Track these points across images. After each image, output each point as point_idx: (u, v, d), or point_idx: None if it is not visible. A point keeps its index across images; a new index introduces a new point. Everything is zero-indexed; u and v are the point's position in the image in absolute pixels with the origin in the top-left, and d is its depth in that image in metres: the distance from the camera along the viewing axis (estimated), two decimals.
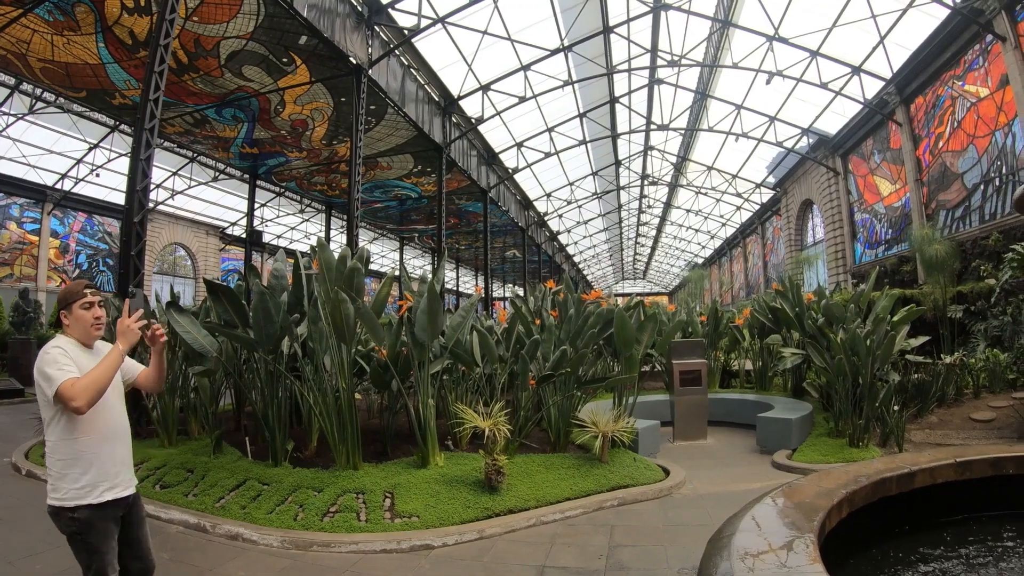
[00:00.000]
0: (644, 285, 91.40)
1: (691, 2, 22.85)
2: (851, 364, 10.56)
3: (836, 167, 32.49)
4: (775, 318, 14.43)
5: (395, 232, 44.27)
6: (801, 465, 9.46)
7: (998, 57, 19.23)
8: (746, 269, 54.52)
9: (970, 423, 11.05)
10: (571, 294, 10.97)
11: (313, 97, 20.34)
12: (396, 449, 8.91)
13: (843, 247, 32.21)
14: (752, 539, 3.25)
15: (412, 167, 27.96)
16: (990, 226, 19.73)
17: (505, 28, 20.99)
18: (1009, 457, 4.72)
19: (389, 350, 8.80)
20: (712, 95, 31.44)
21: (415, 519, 6.79)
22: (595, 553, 6.16)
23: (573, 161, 36.40)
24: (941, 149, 23.32)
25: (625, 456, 9.22)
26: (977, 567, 3.92)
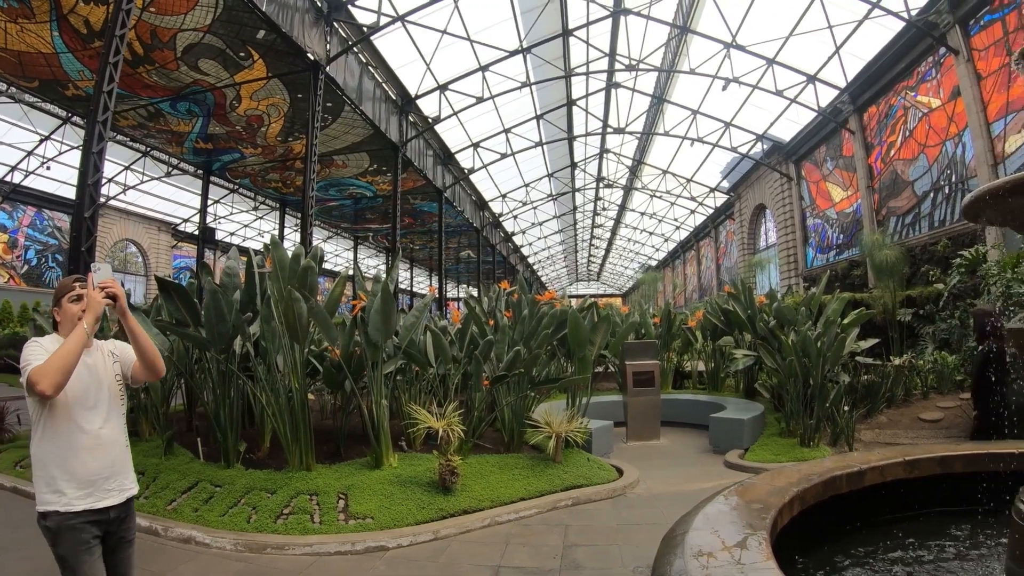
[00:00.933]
0: (598, 287, 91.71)
1: (651, 8, 23.04)
2: (802, 365, 10.72)
3: (789, 173, 32.98)
4: (727, 320, 14.60)
5: (349, 231, 43.92)
6: (753, 464, 9.58)
7: (950, 70, 19.77)
8: (699, 272, 55.04)
9: (919, 423, 11.28)
10: (525, 295, 10.97)
11: (269, 93, 20.12)
12: (350, 450, 8.84)
13: (795, 251, 32.69)
14: (705, 537, 3.28)
15: (368, 166, 27.78)
16: (939, 232, 20.24)
17: (465, 28, 20.95)
18: (956, 456, 4.82)
19: (342, 350, 8.75)
20: (669, 100, 31.70)
21: (369, 520, 6.73)
22: (550, 553, 6.17)
23: (529, 163, 36.42)
24: (893, 157, 23.86)
25: (579, 456, 9.24)
26: (924, 563, 4.00)
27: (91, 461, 3.20)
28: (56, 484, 3.12)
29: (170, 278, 11.90)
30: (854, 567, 4.01)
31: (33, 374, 2.93)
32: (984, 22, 18.29)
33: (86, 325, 3.15)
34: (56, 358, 2.98)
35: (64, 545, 3.11)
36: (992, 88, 18.17)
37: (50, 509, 3.11)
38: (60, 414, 3.13)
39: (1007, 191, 3.16)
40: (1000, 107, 17.92)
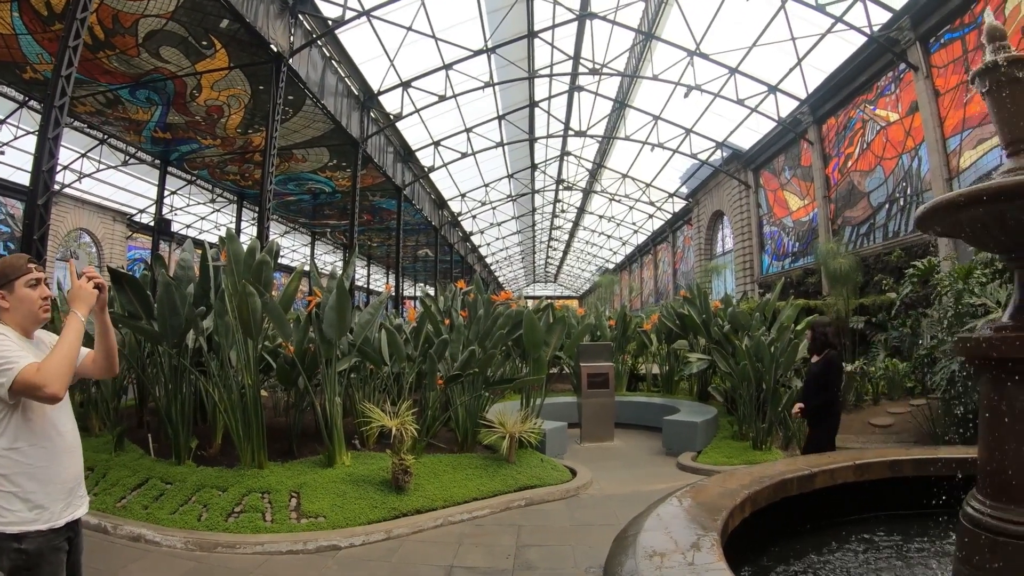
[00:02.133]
0: (555, 288, 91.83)
1: (617, 13, 23.15)
2: (755, 370, 10.88)
3: (748, 181, 33.32)
4: (682, 324, 14.75)
5: (307, 227, 43.50)
6: (706, 466, 9.71)
7: (909, 85, 20.13)
8: (656, 276, 55.36)
9: (870, 428, 11.54)
10: (481, 295, 10.99)
11: (231, 83, 19.84)
12: (303, 448, 8.79)
13: (751, 258, 33.03)
14: (657, 538, 3.30)
15: (327, 161, 27.52)
16: (893, 243, 20.61)
17: (430, 26, 20.87)
18: (906, 459, 4.90)
19: (296, 346, 8.68)
20: (631, 105, 31.86)
21: (322, 519, 6.71)
22: (503, 553, 6.20)
23: (489, 163, 36.34)
24: (850, 168, 24.27)
25: (532, 457, 9.29)
26: (872, 565, 4.06)
27: (71, 467, 2.90)
28: (35, 499, 2.72)
29: (124, 270, 11.72)
30: (804, 568, 4.07)
31: (34, 377, 2.59)
32: (944, 40, 18.65)
33: (82, 317, 2.85)
34: (61, 358, 2.66)
35: (45, 570, 2.74)
36: (949, 104, 18.53)
37: (29, 529, 2.69)
38: (37, 417, 2.76)
39: (960, 204, 3.22)
40: (956, 123, 18.28)
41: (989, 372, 3.29)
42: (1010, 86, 3.31)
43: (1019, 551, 2.95)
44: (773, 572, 4.03)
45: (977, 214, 3.23)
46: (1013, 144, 3.34)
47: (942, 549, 4.13)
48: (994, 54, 3.35)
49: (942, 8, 18.13)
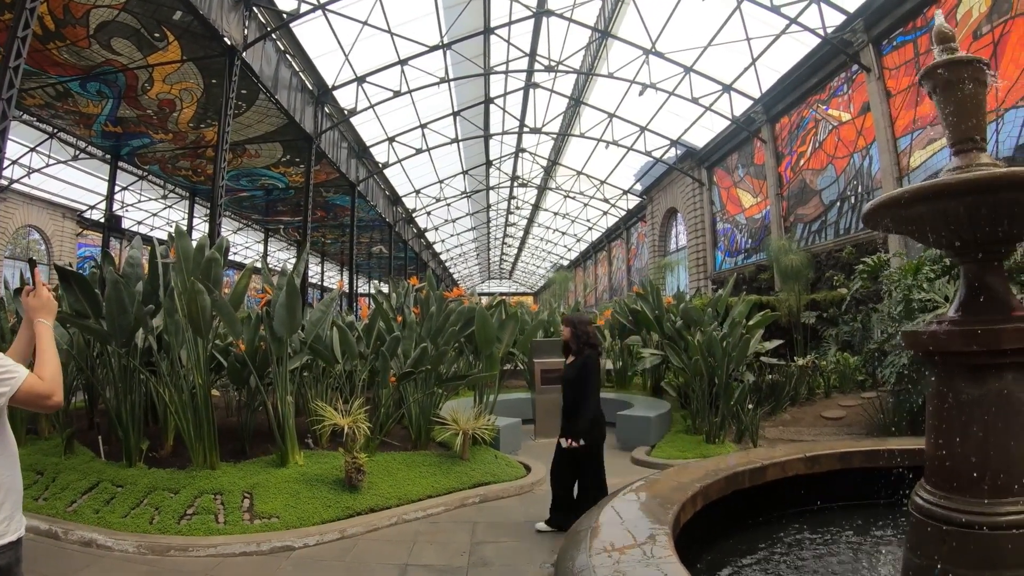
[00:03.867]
0: (510, 285, 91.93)
1: (573, 10, 23.24)
2: (707, 364, 10.98)
3: (701, 178, 33.67)
4: (635, 320, 14.81)
5: (260, 223, 42.99)
6: (659, 461, 9.79)
7: (862, 86, 20.57)
8: (610, 272, 55.65)
9: (822, 420, 11.69)
10: (433, 291, 10.96)
11: (183, 77, 19.53)
12: (255, 448, 8.65)
13: (704, 254, 33.37)
14: (609, 532, 3.32)
15: (281, 156, 27.24)
16: (844, 240, 21.03)
17: (386, 20, 20.78)
18: (855, 451, 5.00)
19: (247, 345, 8.57)
20: (586, 102, 32.02)
21: (275, 520, 6.62)
22: (458, 550, 6.18)
23: (444, 159, 36.27)
24: (802, 167, 24.68)
25: (486, 453, 9.28)
26: (822, 554, 4.12)
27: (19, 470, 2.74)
28: (6, 508, 2.60)
29: (74, 267, 11.47)
30: (756, 559, 4.11)
31: (39, 386, 2.53)
32: (897, 43, 19.08)
33: (51, 325, 2.81)
34: (56, 363, 2.64)
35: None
36: (901, 105, 18.94)
37: (12, 539, 2.62)
38: (6, 422, 2.64)
39: (905, 200, 3.28)
40: (907, 123, 18.68)
41: (936, 365, 3.35)
42: (956, 87, 3.37)
43: (966, 539, 3.02)
44: (726, 564, 4.07)
45: (922, 211, 3.29)
46: (959, 143, 3.41)
47: (892, 539, 4.20)
48: (942, 56, 3.41)
49: (895, 11, 18.54)
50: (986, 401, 3.07)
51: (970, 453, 3.11)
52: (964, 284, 3.44)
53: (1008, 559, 2.95)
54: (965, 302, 3.37)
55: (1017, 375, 3.05)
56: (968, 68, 3.35)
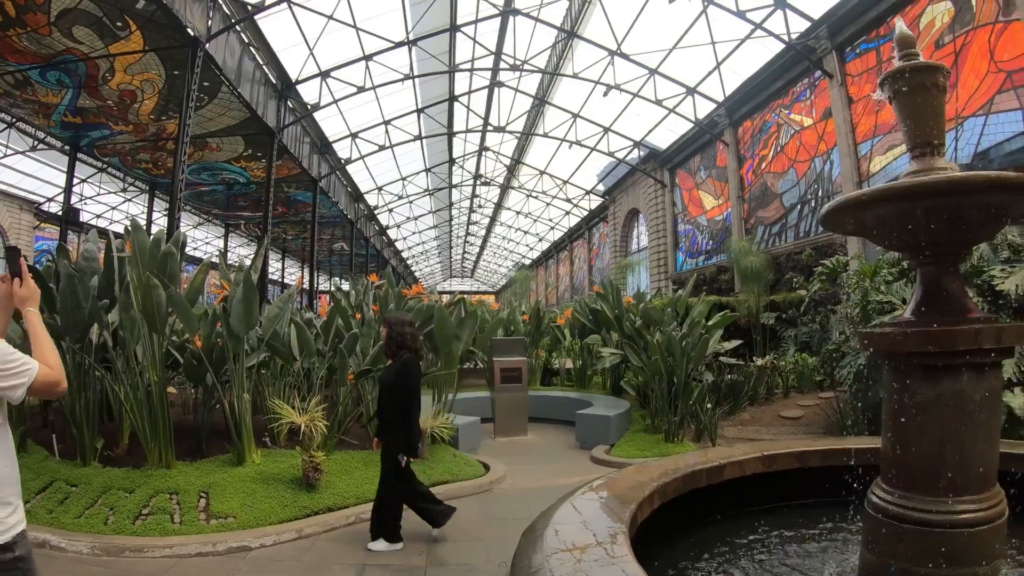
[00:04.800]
0: (472, 284, 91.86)
1: (540, 10, 23.27)
2: (666, 364, 11.06)
3: (664, 180, 33.91)
4: (595, 319, 14.88)
5: (221, 218, 42.40)
6: (618, 460, 9.81)
7: (824, 92, 20.94)
8: (572, 272, 55.85)
9: (780, 420, 11.81)
10: (392, 288, 10.91)
11: (145, 67, 19.20)
12: (212, 446, 8.52)
13: (666, 255, 33.60)
14: (566, 532, 3.31)
15: (243, 150, 26.92)
16: (804, 242, 21.36)
17: (352, 15, 20.60)
18: (812, 451, 5.05)
19: (204, 341, 8.46)
20: (550, 102, 32.05)
21: (231, 520, 6.55)
22: (416, 550, 6.16)
23: (407, 156, 36.11)
24: (764, 170, 25.02)
25: (445, 452, 9.28)
26: (779, 552, 4.15)
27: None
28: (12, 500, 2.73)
29: (31, 262, 11.24)
30: (713, 557, 4.13)
31: (51, 375, 2.59)
32: (860, 50, 19.46)
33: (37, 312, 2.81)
34: (55, 350, 2.67)
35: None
36: (862, 111, 19.29)
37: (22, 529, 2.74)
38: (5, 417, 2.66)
39: (864, 202, 3.32)
40: (868, 129, 19.02)
41: (892, 365, 3.39)
42: (915, 92, 3.41)
43: (921, 537, 3.08)
44: (682, 562, 4.08)
45: (881, 212, 3.33)
46: (917, 147, 3.46)
47: (849, 536, 4.24)
48: (902, 61, 3.44)
49: (859, 20, 18.87)
50: (942, 401, 3.11)
51: (926, 452, 3.15)
52: (921, 286, 3.48)
53: (963, 556, 3.01)
54: (921, 304, 3.41)
55: (972, 376, 3.10)
56: (927, 74, 3.39)
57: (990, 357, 3.14)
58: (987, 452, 3.14)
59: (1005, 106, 14.77)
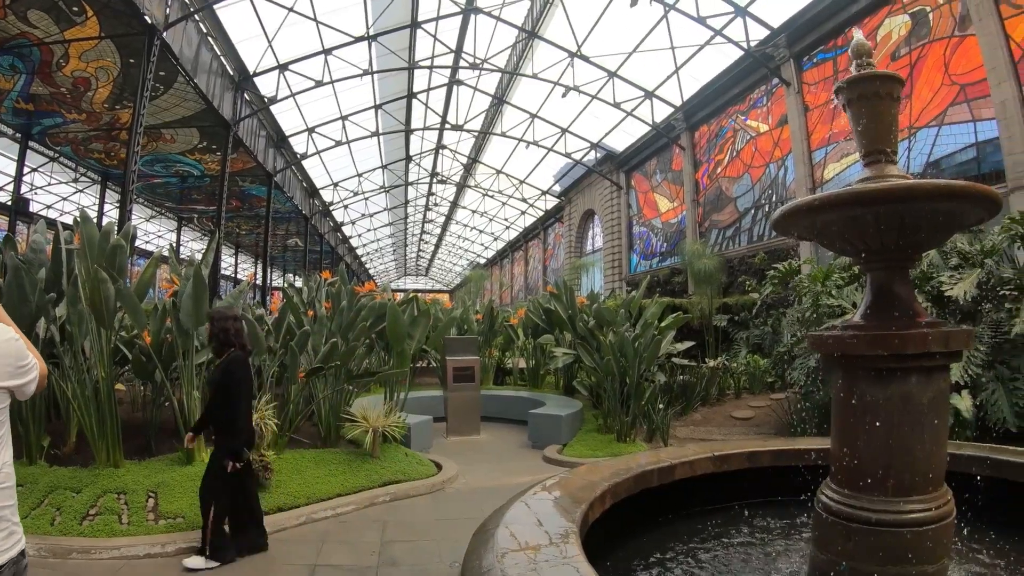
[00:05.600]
0: (427, 282, 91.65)
1: (502, 10, 23.31)
2: (619, 364, 11.14)
3: (620, 182, 34.19)
4: (549, 319, 14.92)
5: (174, 211, 41.73)
6: (570, 459, 9.85)
7: (781, 99, 21.38)
8: (527, 272, 56.04)
9: (731, 420, 11.99)
10: (345, 286, 10.84)
11: (100, 54, 18.81)
12: (161, 445, 8.38)
13: (620, 256, 33.88)
14: (516, 531, 3.31)
15: (197, 142, 26.52)
16: (757, 246, 21.71)
17: (312, 8, 20.44)
18: (763, 451, 5.10)
19: (153, 337, 8.30)
20: (509, 102, 32.11)
21: (180, 520, 6.44)
22: (368, 550, 6.13)
23: (364, 152, 35.81)
24: (719, 174, 25.43)
25: (397, 451, 9.23)
26: (729, 551, 4.19)
27: None
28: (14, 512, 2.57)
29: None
30: (664, 556, 4.16)
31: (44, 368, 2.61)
32: (817, 59, 19.93)
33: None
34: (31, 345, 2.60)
35: None
36: (817, 120, 19.70)
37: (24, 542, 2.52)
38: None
39: (815, 207, 3.36)
40: (823, 137, 19.45)
41: (842, 368, 3.44)
42: (869, 100, 3.47)
43: (870, 536, 3.14)
44: (632, 562, 4.10)
45: (832, 218, 3.39)
46: (869, 154, 3.52)
47: (799, 536, 4.29)
48: (857, 70, 3.50)
49: (817, 30, 19.31)
50: (890, 403, 3.17)
51: (874, 453, 3.21)
52: (870, 290, 3.54)
53: (911, 555, 3.07)
54: (871, 308, 3.47)
55: (920, 378, 3.16)
56: (882, 83, 3.45)
57: (938, 360, 3.21)
58: (935, 453, 3.21)
59: (957, 118, 15.22)
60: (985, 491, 3.98)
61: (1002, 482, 4.28)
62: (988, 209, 3.24)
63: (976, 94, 14.75)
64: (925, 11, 16.20)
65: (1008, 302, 8.45)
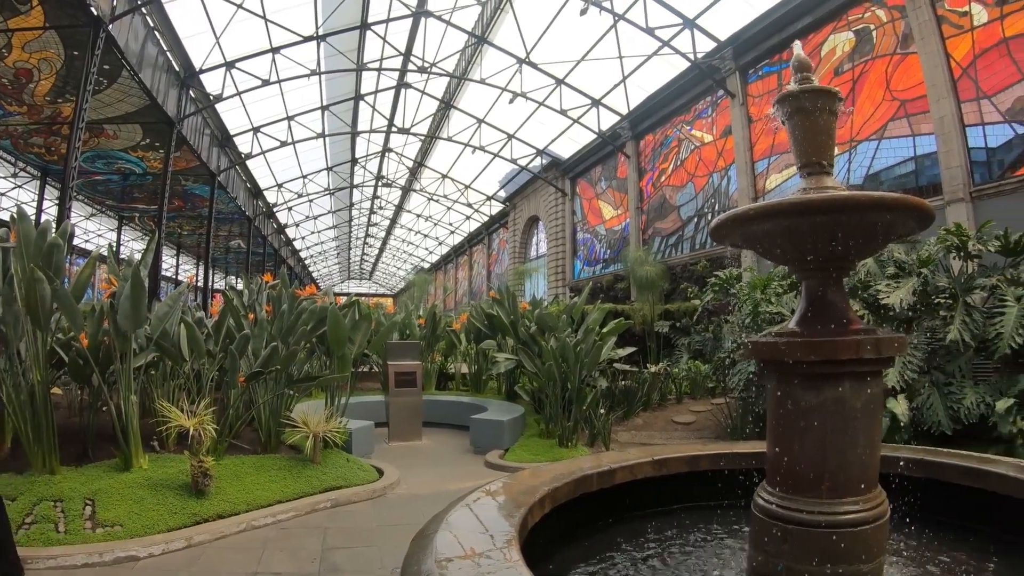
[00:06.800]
0: (370, 286, 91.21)
1: (452, 14, 23.40)
2: (560, 370, 11.19)
3: (565, 188, 34.43)
4: (491, 324, 14.94)
5: (115, 210, 40.80)
6: (512, 464, 9.88)
7: (725, 110, 21.80)
8: (471, 277, 56.08)
9: (673, 425, 12.18)
10: (286, 289, 10.74)
11: (44, 45, 18.29)
12: (99, 451, 8.16)
13: (564, 262, 34.11)
14: (456, 537, 3.31)
15: (140, 139, 25.96)
16: (700, 254, 22.13)
17: (262, 5, 20.31)
18: (702, 455, 5.18)
19: (90, 340, 8.13)
20: (456, 106, 32.18)
21: (119, 528, 6.31)
22: (308, 557, 6.09)
23: (309, 154, 35.54)
24: (663, 183, 25.80)
25: (338, 457, 9.15)
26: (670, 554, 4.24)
27: None
28: None
29: None
30: (599, 559, 4.20)
31: None
32: (763, 72, 20.42)
33: None
34: None
35: None
36: (761, 131, 20.18)
37: None
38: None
39: (751, 217, 3.46)
40: (766, 148, 19.88)
41: (776, 374, 3.53)
42: (807, 114, 3.57)
43: (806, 537, 3.22)
44: (574, 564, 4.13)
45: (768, 227, 3.47)
46: (805, 166, 3.63)
47: (738, 538, 4.37)
48: (797, 84, 3.60)
49: (763, 44, 19.77)
50: (824, 408, 3.25)
51: (809, 456, 3.29)
52: (805, 298, 3.63)
53: (846, 555, 3.15)
54: (806, 315, 3.57)
55: (853, 384, 3.25)
56: (820, 97, 3.54)
57: (870, 367, 3.31)
58: (868, 455, 3.30)
59: (897, 132, 15.74)
60: (920, 491, 4.10)
61: (935, 482, 4.43)
62: (920, 220, 3.35)
63: (916, 109, 15.25)
64: (869, 29, 16.71)
65: (943, 310, 8.75)
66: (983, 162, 13.87)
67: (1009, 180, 13.28)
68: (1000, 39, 13.57)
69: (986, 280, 8.92)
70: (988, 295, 8.81)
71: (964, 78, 14.18)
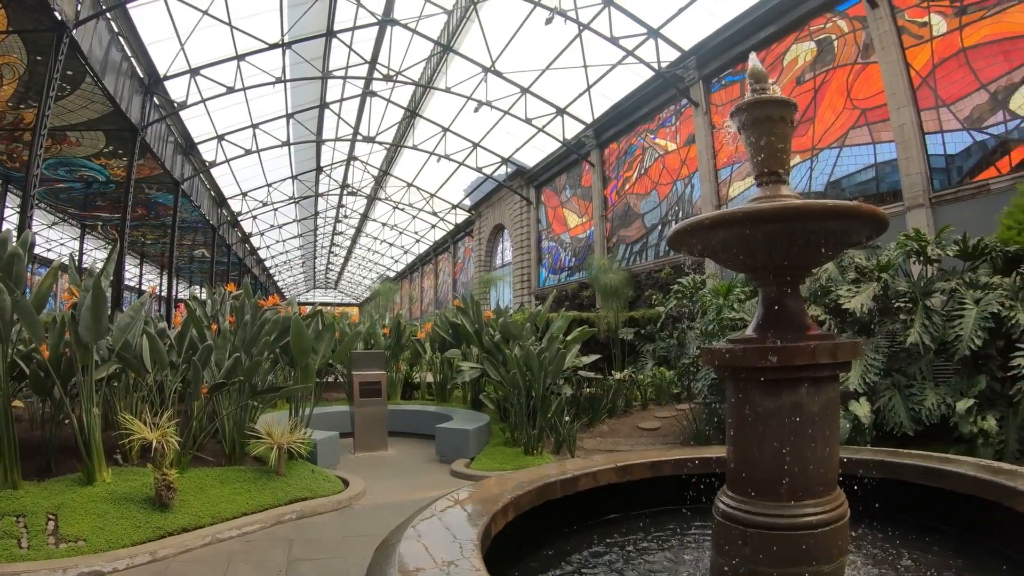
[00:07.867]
0: (336, 295, 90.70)
1: (419, 22, 23.38)
2: (525, 378, 11.21)
3: (530, 197, 34.53)
4: (456, 333, 14.95)
5: (77, 218, 40.18)
6: (478, 473, 9.86)
7: (689, 119, 22.07)
8: (436, 285, 56.02)
9: (638, 431, 12.23)
10: (249, 299, 10.68)
11: (6, 50, 17.94)
12: (62, 464, 8.06)
13: (529, 271, 34.20)
14: (419, 546, 3.34)
15: (103, 146, 25.59)
16: (664, 261, 22.32)
17: (227, 12, 20.10)
18: (666, 460, 5.24)
19: (51, 351, 8.02)
20: (421, 115, 32.13)
21: (82, 543, 6.21)
22: (274, 569, 6.05)
23: (274, 162, 35.28)
24: (627, 191, 26.00)
25: (303, 468, 9.09)
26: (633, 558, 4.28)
27: None
28: None
29: None
30: (567, 565, 4.23)
31: None
32: (725, 82, 20.70)
33: None
34: None
35: None
36: (724, 140, 20.31)
37: None
38: None
39: (707, 226, 3.52)
40: (729, 156, 20.17)
41: (734, 380, 3.58)
42: (763, 124, 3.63)
43: (766, 540, 3.29)
44: (538, 574, 4.15)
45: (723, 236, 3.54)
46: (762, 175, 3.70)
47: (701, 542, 4.41)
48: (753, 94, 3.65)
49: (726, 54, 20.07)
50: (782, 412, 3.31)
51: (768, 460, 3.35)
52: (762, 305, 3.70)
53: (807, 556, 3.23)
54: (762, 321, 3.63)
55: (810, 388, 3.32)
56: (775, 107, 3.61)
57: (827, 371, 3.38)
58: (827, 458, 3.37)
59: (857, 140, 16.03)
60: (882, 492, 4.18)
61: (898, 483, 4.53)
62: (875, 228, 3.42)
63: (876, 118, 15.52)
64: (831, 39, 17.00)
65: (903, 313, 8.94)
66: (942, 169, 14.14)
67: (967, 186, 13.53)
68: (959, 49, 13.85)
69: (945, 284, 9.12)
70: (947, 298, 8.97)
71: (923, 87, 14.46)
